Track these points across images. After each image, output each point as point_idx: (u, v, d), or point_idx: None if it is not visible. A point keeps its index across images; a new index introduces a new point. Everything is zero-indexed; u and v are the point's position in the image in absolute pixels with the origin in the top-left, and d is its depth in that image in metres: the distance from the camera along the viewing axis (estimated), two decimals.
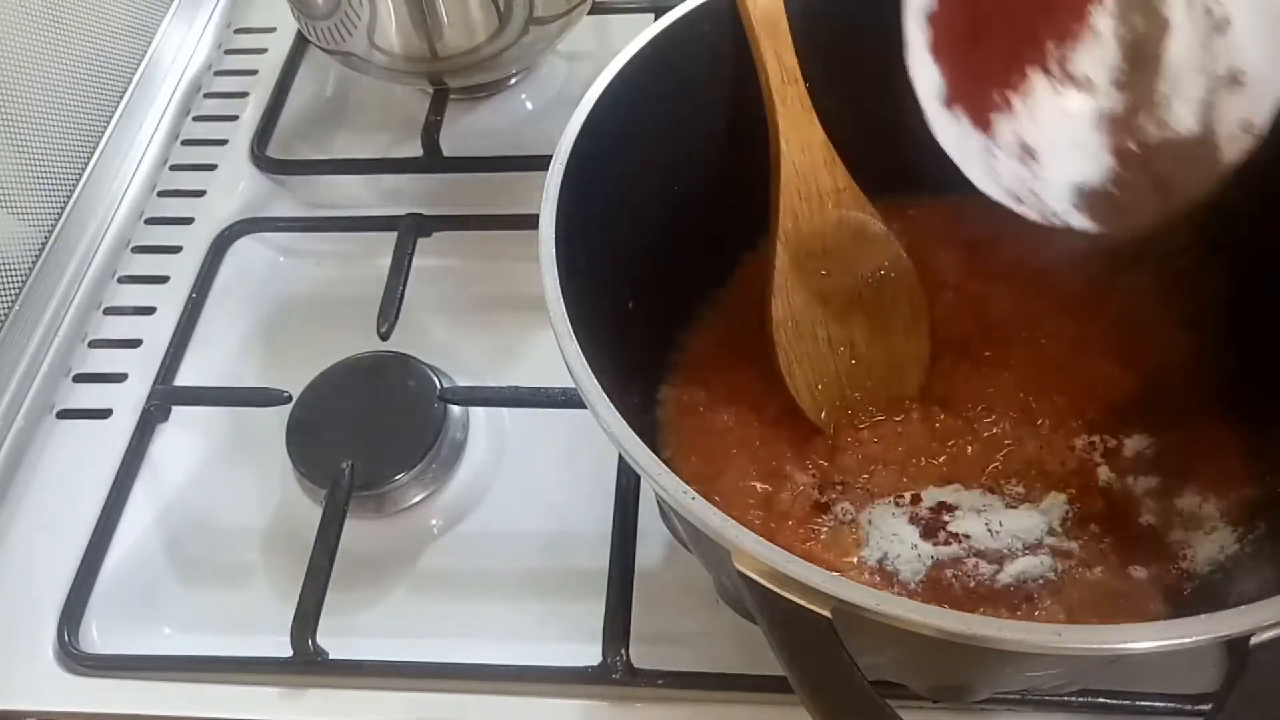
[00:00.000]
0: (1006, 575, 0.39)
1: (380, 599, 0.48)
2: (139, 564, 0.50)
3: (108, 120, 0.66)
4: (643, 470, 0.30)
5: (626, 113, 0.40)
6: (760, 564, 0.28)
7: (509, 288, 0.58)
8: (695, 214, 0.45)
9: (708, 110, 0.45)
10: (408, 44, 0.60)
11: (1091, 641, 0.27)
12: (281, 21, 0.74)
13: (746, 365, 0.45)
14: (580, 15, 0.63)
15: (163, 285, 0.61)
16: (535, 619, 0.46)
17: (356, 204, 0.63)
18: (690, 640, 0.45)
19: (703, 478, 0.43)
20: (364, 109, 0.69)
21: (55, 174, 0.62)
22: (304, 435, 0.50)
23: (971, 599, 0.38)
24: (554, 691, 0.44)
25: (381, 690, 0.45)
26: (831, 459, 0.43)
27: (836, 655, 0.28)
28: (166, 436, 0.54)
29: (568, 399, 0.49)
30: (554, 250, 0.35)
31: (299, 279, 0.61)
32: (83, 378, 0.57)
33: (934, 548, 0.40)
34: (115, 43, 0.68)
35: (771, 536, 0.39)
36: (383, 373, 0.52)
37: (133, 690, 0.46)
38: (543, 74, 0.69)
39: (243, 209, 0.63)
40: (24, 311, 0.58)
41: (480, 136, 0.66)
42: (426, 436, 0.50)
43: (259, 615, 0.47)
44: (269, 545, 0.50)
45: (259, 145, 0.66)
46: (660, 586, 0.46)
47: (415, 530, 0.50)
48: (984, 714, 0.42)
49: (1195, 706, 0.41)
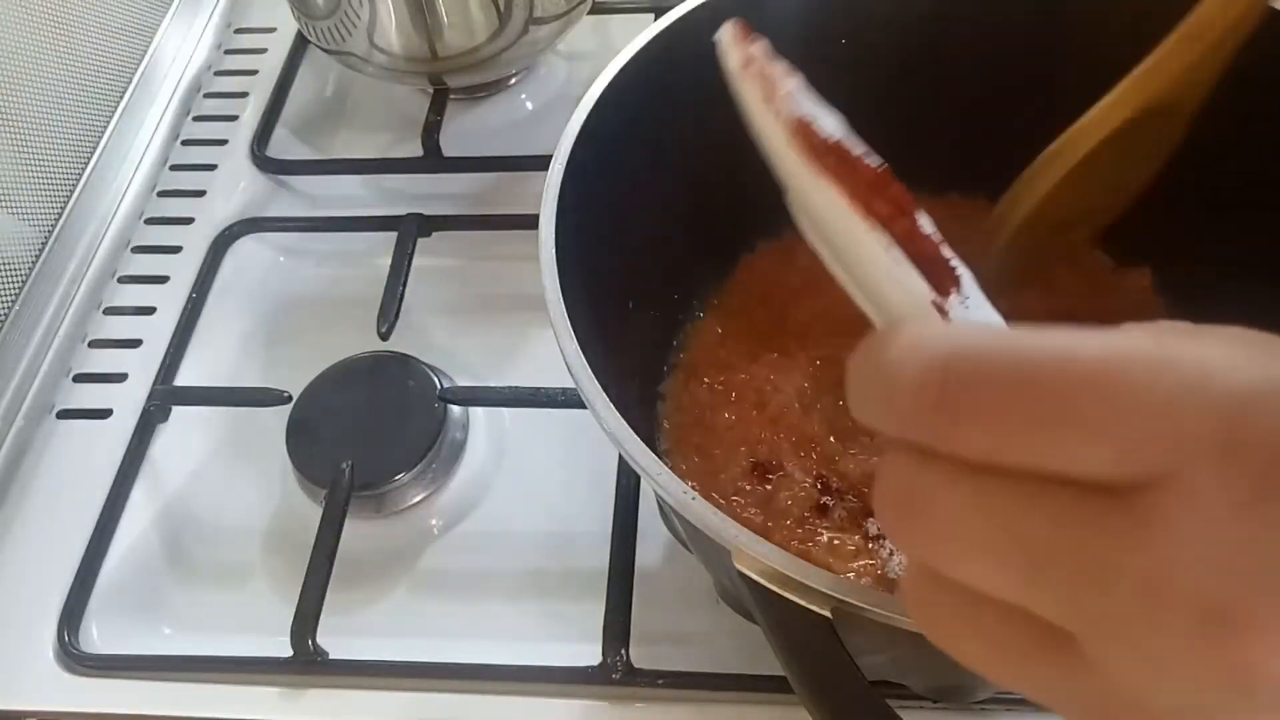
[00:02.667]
0: None
1: (380, 599, 0.48)
2: (139, 564, 0.50)
3: (108, 120, 0.66)
4: (643, 470, 0.30)
5: (626, 113, 0.40)
6: (760, 564, 0.28)
7: (509, 288, 0.58)
8: (695, 214, 0.45)
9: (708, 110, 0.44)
10: (408, 44, 0.60)
11: None
12: (281, 21, 0.74)
13: (747, 364, 0.45)
14: (580, 15, 0.64)
15: (163, 285, 0.61)
16: (535, 619, 0.46)
17: (356, 204, 0.63)
18: (690, 640, 0.45)
19: (702, 477, 0.43)
20: (364, 109, 0.69)
21: (55, 174, 0.62)
22: (304, 435, 0.50)
23: None
24: (554, 691, 0.44)
25: (381, 690, 0.45)
26: (832, 461, 0.43)
27: (836, 655, 0.27)
28: (166, 436, 0.54)
29: (568, 399, 0.49)
30: (554, 250, 0.35)
31: (299, 279, 0.61)
32: (83, 378, 0.57)
33: None
34: (115, 43, 0.68)
35: (770, 536, 0.39)
36: (383, 373, 0.52)
37: (133, 690, 0.46)
38: (543, 74, 0.69)
39: (243, 209, 0.64)
40: (24, 311, 0.58)
41: (480, 136, 0.66)
42: (426, 436, 0.50)
43: (259, 615, 0.47)
44: (269, 545, 0.50)
45: (259, 145, 0.66)
46: (660, 586, 0.46)
47: (415, 530, 0.50)
48: (984, 714, 0.42)
49: None
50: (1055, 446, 0.18)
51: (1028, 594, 0.18)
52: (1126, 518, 0.17)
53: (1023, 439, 0.18)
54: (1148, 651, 0.17)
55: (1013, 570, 0.18)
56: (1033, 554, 0.18)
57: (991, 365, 0.18)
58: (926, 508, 0.19)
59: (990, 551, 0.19)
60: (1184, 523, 0.16)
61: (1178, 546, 0.17)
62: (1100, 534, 0.17)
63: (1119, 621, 0.17)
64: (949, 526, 0.19)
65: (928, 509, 0.19)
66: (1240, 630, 0.16)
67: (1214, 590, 0.16)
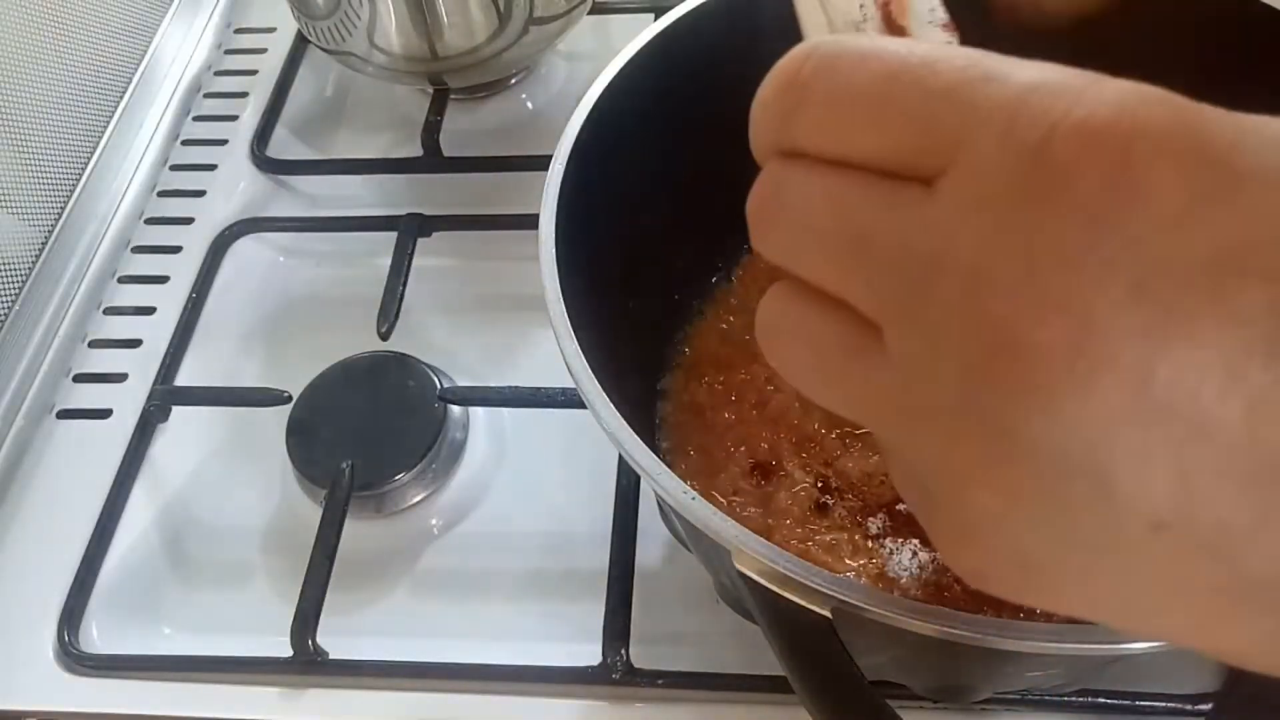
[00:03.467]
0: None
1: (380, 599, 0.48)
2: (139, 564, 0.50)
3: (108, 120, 0.66)
4: (643, 470, 0.30)
5: (626, 113, 0.40)
6: (760, 564, 0.28)
7: (509, 288, 0.58)
8: (696, 213, 0.45)
9: (708, 110, 0.45)
10: (408, 44, 0.60)
11: (1091, 641, 0.27)
12: (281, 21, 0.74)
13: (747, 364, 0.45)
14: (580, 15, 0.64)
15: (163, 285, 0.61)
16: (535, 619, 0.46)
17: (356, 204, 0.63)
18: (690, 640, 0.45)
19: (702, 477, 0.43)
20: (364, 109, 0.69)
21: (55, 174, 0.62)
22: (304, 435, 0.50)
23: (972, 599, 0.38)
24: (554, 691, 0.44)
25: (381, 690, 0.45)
26: (832, 461, 0.43)
27: (836, 655, 0.27)
28: (166, 436, 0.54)
29: (568, 399, 0.49)
30: (554, 250, 0.35)
31: (299, 279, 0.61)
32: (83, 378, 0.57)
33: (935, 550, 0.40)
34: (115, 43, 0.68)
35: (770, 536, 0.39)
36: (383, 373, 0.52)
37: (133, 690, 0.46)
38: (543, 74, 0.69)
39: (243, 209, 0.64)
40: (24, 311, 0.57)
41: (480, 136, 0.66)
42: (426, 436, 0.50)
43: (259, 615, 0.47)
44: (269, 545, 0.50)
45: (259, 145, 0.66)
46: (660, 586, 0.46)
47: (415, 530, 0.50)
48: (984, 714, 0.42)
49: (1195, 706, 0.41)
50: (872, 132, 0.19)
51: (848, 283, 0.20)
52: (926, 202, 0.18)
53: (852, 128, 0.19)
54: (926, 326, 0.18)
55: (839, 257, 0.20)
56: (854, 240, 0.19)
57: (845, 59, 0.19)
58: (782, 203, 0.21)
59: (824, 240, 0.20)
60: (962, 196, 0.17)
61: (955, 218, 0.18)
62: (904, 216, 0.18)
63: (908, 300, 0.18)
64: (796, 216, 0.20)
65: (782, 204, 0.21)
66: (1002, 293, 0.17)
67: (980, 256, 0.17)
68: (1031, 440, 0.17)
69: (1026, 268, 0.17)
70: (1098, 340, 0.16)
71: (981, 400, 0.17)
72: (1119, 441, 0.16)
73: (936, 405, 0.18)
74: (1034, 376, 0.17)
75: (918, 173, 0.18)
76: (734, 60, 0.43)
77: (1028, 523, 0.18)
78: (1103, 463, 0.16)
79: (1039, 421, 0.17)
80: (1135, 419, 0.16)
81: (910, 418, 0.19)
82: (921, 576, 0.40)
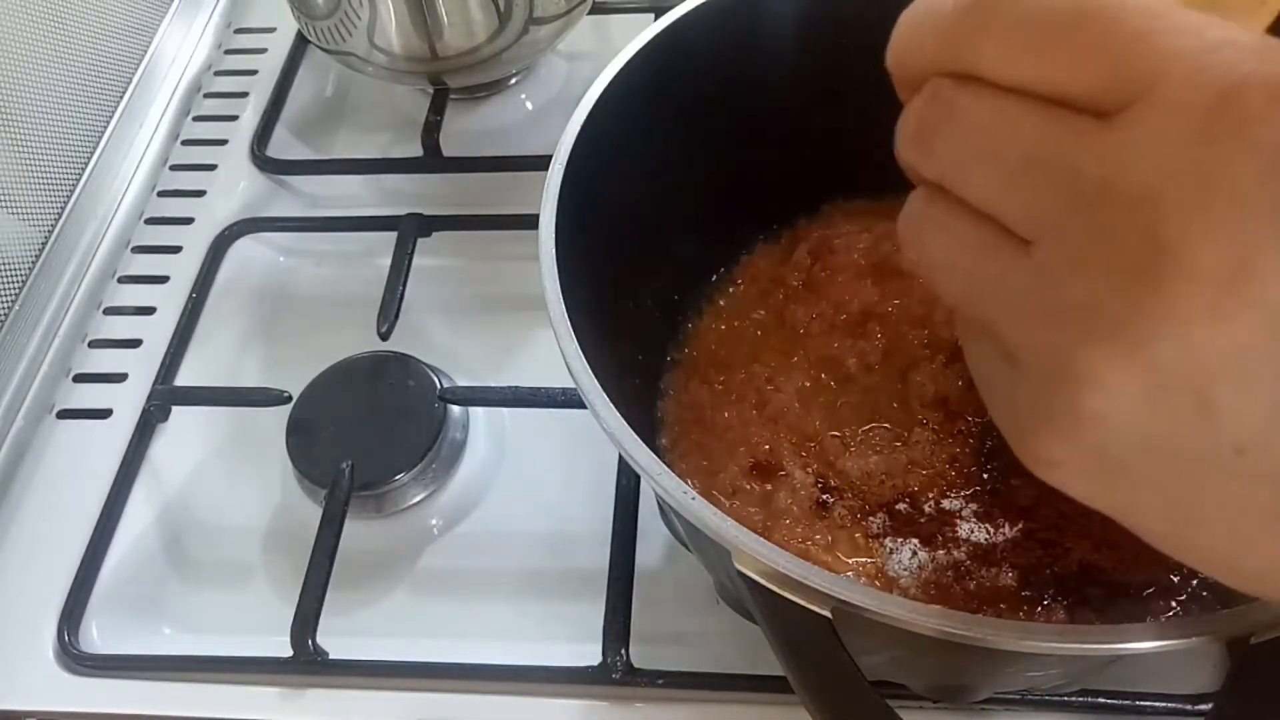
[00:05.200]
0: (1007, 576, 0.39)
1: (380, 599, 0.48)
2: (139, 564, 0.50)
3: (108, 120, 0.66)
4: (643, 470, 0.30)
5: (626, 113, 0.40)
6: (760, 564, 0.28)
7: (509, 288, 0.58)
8: (696, 214, 0.46)
9: (708, 110, 0.45)
10: (408, 44, 0.60)
11: (1091, 641, 0.27)
12: (281, 21, 0.74)
13: (747, 364, 0.45)
14: (580, 15, 0.64)
15: (163, 285, 0.61)
16: (535, 619, 0.46)
17: (356, 204, 0.63)
18: (690, 640, 0.45)
19: (702, 477, 0.43)
20: (364, 109, 0.69)
21: (55, 174, 0.62)
22: (304, 435, 0.50)
23: (972, 599, 0.38)
24: (554, 691, 0.44)
25: (381, 690, 0.45)
26: (832, 460, 0.43)
27: (836, 655, 0.27)
28: (166, 436, 0.54)
29: (568, 399, 0.49)
30: (554, 250, 0.35)
31: (299, 279, 0.61)
32: (83, 378, 0.57)
33: (935, 550, 0.40)
34: (115, 43, 0.68)
35: (770, 536, 0.39)
36: (383, 373, 0.52)
37: (133, 690, 0.46)
38: (543, 74, 0.69)
39: (243, 209, 0.64)
40: (24, 311, 0.58)
41: (480, 136, 0.66)
42: (426, 436, 0.50)
43: (259, 615, 0.47)
44: (269, 545, 0.50)
45: (259, 145, 0.66)
46: (660, 586, 0.46)
47: (415, 530, 0.50)
48: (984, 714, 0.42)
49: (1195, 706, 0.41)
50: (1058, 63, 0.20)
51: (1008, 199, 0.21)
52: (1104, 132, 0.19)
53: (1033, 55, 0.20)
54: (1081, 240, 0.19)
55: (1007, 176, 0.21)
56: (1024, 160, 0.20)
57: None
58: (953, 120, 0.22)
59: (993, 158, 0.21)
60: (1146, 129, 0.19)
61: (1134, 148, 0.19)
62: (1077, 143, 0.20)
63: (1068, 217, 0.20)
64: (965, 134, 0.21)
65: (953, 121, 0.22)
66: (1173, 218, 0.18)
67: (1157, 183, 0.18)
68: (1157, 354, 0.18)
69: (1201, 198, 0.18)
70: (1251, 279, 0.17)
71: (1121, 310, 0.19)
72: (1233, 372, 0.18)
73: (1073, 306, 0.20)
74: (1180, 299, 0.18)
75: (1098, 106, 0.19)
76: (734, 60, 0.44)
77: (1128, 424, 0.19)
78: (1212, 387, 0.18)
79: (1169, 341, 0.18)
80: (1256, 357, 0.18)
81: (1036, 313, 0.20)
82: (921, 576, 0.40)
